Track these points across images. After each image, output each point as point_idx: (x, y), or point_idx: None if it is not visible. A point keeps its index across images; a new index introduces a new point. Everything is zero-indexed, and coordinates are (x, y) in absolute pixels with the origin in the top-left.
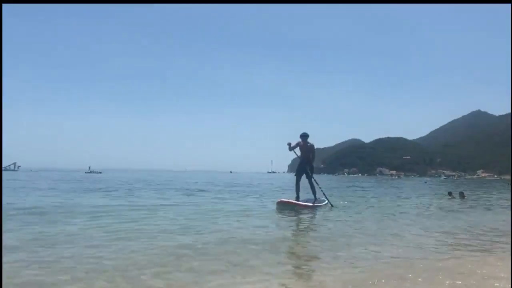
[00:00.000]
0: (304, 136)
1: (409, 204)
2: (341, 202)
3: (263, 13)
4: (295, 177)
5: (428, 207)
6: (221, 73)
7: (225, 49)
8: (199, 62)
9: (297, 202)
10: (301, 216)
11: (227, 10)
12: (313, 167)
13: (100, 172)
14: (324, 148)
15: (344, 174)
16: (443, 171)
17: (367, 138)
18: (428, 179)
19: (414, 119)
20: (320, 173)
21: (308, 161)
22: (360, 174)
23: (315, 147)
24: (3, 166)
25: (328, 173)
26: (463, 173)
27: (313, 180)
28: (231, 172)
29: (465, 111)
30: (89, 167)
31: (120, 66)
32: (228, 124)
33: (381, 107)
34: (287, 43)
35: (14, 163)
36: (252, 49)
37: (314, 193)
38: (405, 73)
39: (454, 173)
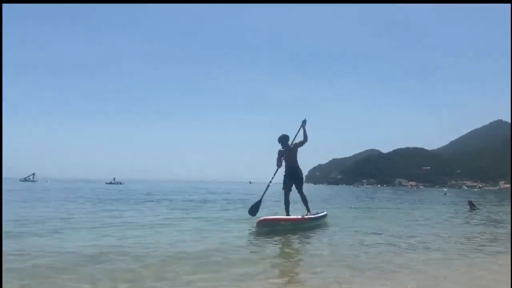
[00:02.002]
0: (283, 140)
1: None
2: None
3: (275, 21)
4: (283, 190)
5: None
6: (233, 81)
7: (241, 59)
8: (217, 71)
9: (284, 217)
10: (287, 239)
11: (235, 17)
12: (301, 171)
13: (122, 183)
14: (342, 159)
15: (363, 185)
16: (464, 182)
17: (385, 149)
18: (445, 189)
19: (434, 129)
20: (338, 184)
21: (293, 165)
22: (379, 185)
23: (333, 158)
24: (23, 177)
25: (346, 184)
26: (484, 184)
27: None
28: (250, 182)
29: (485, 121)
30: (114, 178)
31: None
32: (244, 134)
33: (400, 117)
34: (303, 52)
35: (33, 174)
36: (269, 59)
37: (305, 203)
38: (424, 83)
39: (475, 184)
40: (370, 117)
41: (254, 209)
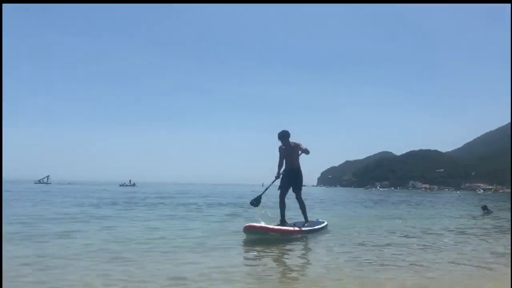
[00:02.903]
0: (283, 136)
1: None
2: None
3: (287, 26)
4: (279, 191)
5: None
6: (247, 87)
7: (255, 64)
8: (233, 77)
9: (276, 227)
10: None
11: (249, 26)
12: (302, 174)
13: (135, 185)
14: (354, 161)
15: (377, 188)
16: (479, 184)
17: (398, 151)
18: (458, 192)
19: (448, 130)
20: (351, 186)
21: (295, 167)
22: (392, 188)
23: (345, 160)
24: (38, 180)
25: (359, 186)
26: (500, 187)
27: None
28: (262, 185)
29: (501, 123)
30: (130, 180)
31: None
32: (255, 137)
33: (413, 118)
34: (314, 55)
35: (47, 176)
36: (279, 62)
37: (304, 212)
38: (437, 84)
39: (490, 187)
40: (383, 119)
41: (256, 201)
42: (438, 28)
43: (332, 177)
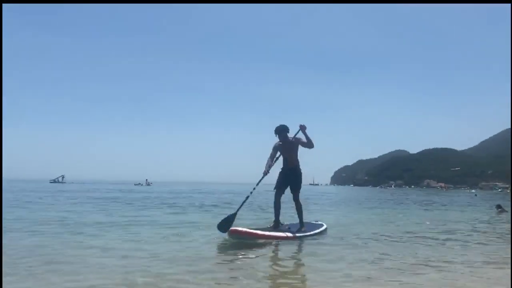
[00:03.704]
0: (282, 131)
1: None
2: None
3: (292, 26)
4: (275, 191)
5: None
6: (256, 86)
7: (257, 64)
8: (234, 77)
9: (264, 232)
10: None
11: (257, 25)
12: (301, 173)
13: (151, 184)
14: (368, 160)
15: (391, 187)
16: (496, 183)
17: (413, 149)
18: (473, 191)
19: (463, 129)
20: (365, 185)
21: (293, 166)
22: (406, 187)
23: (359, 159)
24: (52, 179)
25: (373, 185)
26: None
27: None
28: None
29: None
30: (146, 180)
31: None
32: (256, 137)
33: (428, 117)
34: (326, 54)
35: (62, 176)
36: (290, 63)
37: (300, 215)
38: (453, 82)
39: (507, 185)
40: (396, 117)
41: (225, 224)
42: (452, 26)
43: (346, 176)
